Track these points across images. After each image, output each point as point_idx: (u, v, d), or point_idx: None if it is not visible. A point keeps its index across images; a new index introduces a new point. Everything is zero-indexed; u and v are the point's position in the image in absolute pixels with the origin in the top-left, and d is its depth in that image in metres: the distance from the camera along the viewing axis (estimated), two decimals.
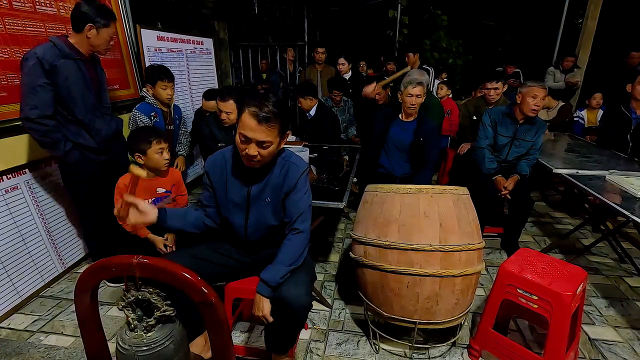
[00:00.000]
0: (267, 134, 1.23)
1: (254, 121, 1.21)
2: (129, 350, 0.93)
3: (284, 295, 1.30)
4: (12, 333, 1.88)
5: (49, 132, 1.83)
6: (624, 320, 1.97)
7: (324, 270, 2.45)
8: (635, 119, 2.77)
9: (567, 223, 3.18)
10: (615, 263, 2.53)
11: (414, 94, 2.45)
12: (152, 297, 0.95)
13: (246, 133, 1.23)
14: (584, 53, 4.89)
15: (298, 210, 1.39)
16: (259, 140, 1.23)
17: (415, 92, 2.44)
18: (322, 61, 4.23)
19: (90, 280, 0.93)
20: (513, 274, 1.51)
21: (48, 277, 2.25)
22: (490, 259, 2.59)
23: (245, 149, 1.25)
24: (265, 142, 1.24)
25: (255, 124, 1.21)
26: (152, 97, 2.43)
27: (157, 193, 1.97)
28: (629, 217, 1.73)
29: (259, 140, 1.23)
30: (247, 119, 1.22)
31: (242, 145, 1.26)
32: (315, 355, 1.74)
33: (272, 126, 1.23)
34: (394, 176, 2.68)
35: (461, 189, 1.67)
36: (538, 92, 2.38)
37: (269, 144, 1.25)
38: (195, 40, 3.70)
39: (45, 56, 1.74)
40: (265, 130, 1.22)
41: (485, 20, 6.63)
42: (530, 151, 2.58)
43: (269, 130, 1.23)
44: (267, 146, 1.25)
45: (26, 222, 2.11)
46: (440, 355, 1.74)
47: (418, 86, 2.43)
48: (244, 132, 1.24)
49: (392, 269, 1.55)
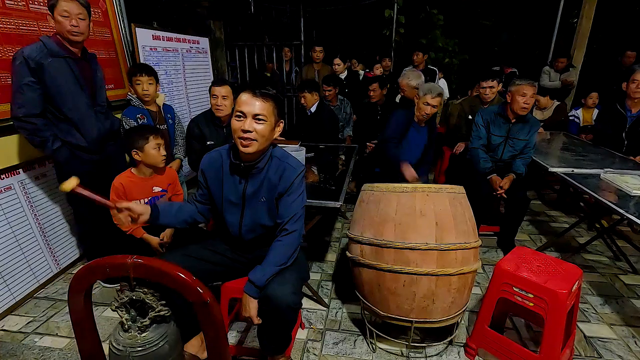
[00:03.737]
0: (261, 106, 1.28)
1: (249, 95, 1.28)
2: (123, 351, 0.92)
3: (270, 294, 1.29)
4: (6, 335, 1.87)
5: (36, 131, 1.83)
6: (619, 317, 1.98)
7: (321, 269, 2.45)
8: (630, 117, 2.79)
9: (563, 221, 3.19)
10: (610, 261, 2.55)
11: (431, 104, 2.43)
12: (147, 298, 0.94)
13: (241, 108, 1.28)
14: (579, 52, 4.92)
15: (291, 212, 1.39)
16: (255, 113, 1.27)
17: (433, 102, 2.43)
18: (319, 60, 4.23)
19: (84, 280, 0.92)
20: (509, 272, 1.51)
21: (42, 278, 2.23)
22: (486, 257, 2.60)
23: (240, 126, 1.28)
24: (260, 115, 1.28)
25: (250, 97, 1.27)
26: (137, 99, 2.36)
27: (153, 192, 1.96)
28: (623, 215, 1.74)
29: (254, 113, 1.27)
30: (243, 96, 1.29)
31: (237, 124, 1.29)
32: (312, 354, 1.74)
33: (267, 100, 1.29)
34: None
35: (457, 187, 1.67)
36: (527, 89, 2.38)
37: (263, 119, 1.28)
38: (191, 39, 3.68)
39: (31, 55, 1.75)
40: (261, 102, 1.27)
41: (481, 19, 6.65)
42: (525, 150, 2.59)
43: (264, 103, 1.28)
44: (262, 120, 1.28)
45: (20, 223, 2.09)
46: (437, 353, 1.74)
47: (437, 97, 2.42)
48: (239, 108, 1.29)
49: (389, 268, 1.55)
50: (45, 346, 1.78)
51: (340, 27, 6.67)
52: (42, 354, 1.72)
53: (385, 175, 2.68)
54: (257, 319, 1.32)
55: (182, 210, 1.50)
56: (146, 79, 2.29)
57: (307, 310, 2.05)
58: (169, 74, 3.32)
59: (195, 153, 2.43)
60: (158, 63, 3.13)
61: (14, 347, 1.76)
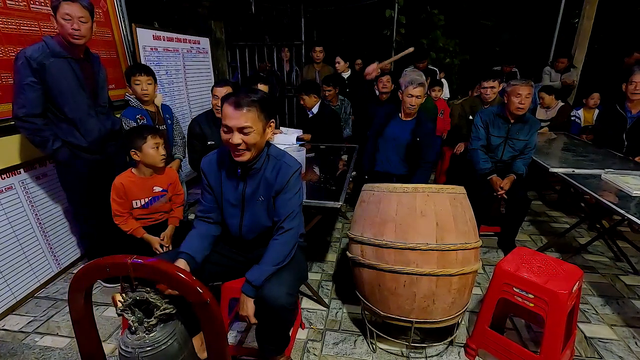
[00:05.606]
0: (245, 118, 1.25)
1: (231, 108, 1.26)
2: (132, 353, 0.92)
3: (265, 295, 1.29)
4: (6, 334, 1.87)
5: (37, 131, 1.84)
6: (619, 318, 1.98)
7: (321, 269, 2.45)
8: (630, 118, 2.78)
9: (563, 222, 3.19)
10: (611, 261, 2.54)
11: (414, 95, 2.44)
12: (151, 297, 0.94)
13: (226, 122, 1.27)
14: (580, 53, 4.91)
15: (288, 209, 1.39)
16: (239, 127, 1.26)
17: (415, 92, 2.43)
18: (320, 60, 4.23)
19: (84, 280, 0.92)
20: (509, 272, 1.51)
21: (43, 277, 2.23)
22: (486, 258, 2.60)
23: (229, 139, 1.28)
24: (245, 127, 1.26)
25: (232, 110, 1.25)
26: (135, 100, 2.35)
27: (154, 192, 1.96)
28: (624, 216, 1.74)
29: (238, 126, 1.26)
30: (226, 109, 1.27)
31: (226, 137, 1.29)
32: (312, 354, 1.74)
33: (249, 110, 1.25)
34: (391, 175, 2.67)
35: (458, 188, 1.67)
36: (522, 90, 2.40)
37: (249, 130, 1.27)
38: (192, 39, 3.68)
39: (33, 55, 1.75)
40: (244, 114, 1.25)
41: (482, 19, 6.64)
42: (525, 150, 2.59)
43: (247, 114, 1.25)
44: (248, 132, 1.27)
45: (21, 223, 2.09)
46: (437, 354, 1.74)
47: (419, 87, 2.43)
48: (224, 122, 1.28)
49: (389, 268, 1.55)
50: (45, 346, 1.78)
51: (341, 27, 6.67)
52: (42, 354, 1.72)
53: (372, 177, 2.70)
54: (253, 319, 1.32)
55: (203, 236, 1.46)
56: (145, 79, 2.29)
57: (307, 310, 2.05)
58: (169, 74, 3.32)
59: (196, 152, 2.44)
60: (159, 63, 3.13)
61: (14, 346, 1.77)
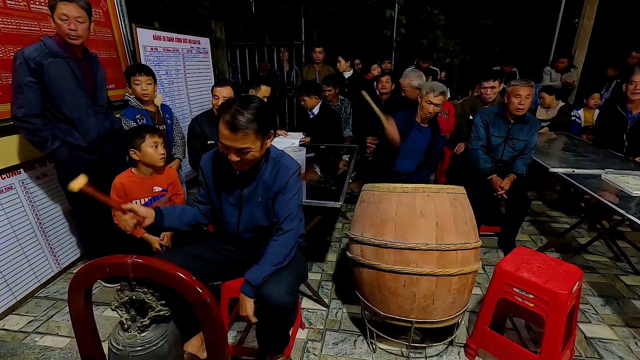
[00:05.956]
0: (243, 141, 1.23)
1: (228, 131, 1.21)
2: (123, 351, 0.93)
3: (265, 294, 1.30)
4: (6, 334, 1.87)
5: (36, 130, 1.84)
6: (619, 318, 1.98)
7: (321, 269, 2.45)
8: (630, 118, 2.78)
9: (564, 222, 3.19)
10: (611, 261, 2.54)
11: (433, 102, 2.41)
12: (147, 297, 0.94)
13: (223, 142, 1.25)
14: (580, 53, 4.91)
15: (287, 211, 1.39)
16: (237, 148, 1.24)
17: (435, 101, 2.41)
18: (320, 60, 4.23)
19: (83, 280, 0.93)
20: (509, 272, 1.51)
21: (43, 277, 2.23)
22: (486, 258, 2.60)
23: (226, 154, 1.28)
24: (244, 149, 1.25)
25: (229, 133, 1.22)
26: (135, 100, 2.35)
27: (153, 192, 1.96)
28: (624, 216, 1.74)
29: (237, 148, 1.24)
30: (222, 128, 1.23)
31: (224, 151, 1.29)
32: (312, 354, 1.74)
33: (247, 133, 1.22)
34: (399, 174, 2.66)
35: (458, 188, 1.67)
36: (521, 90, 2.40)
37: (247, 150, 1.26)
38: (192, 39, 3.68)
39: (31, 55, 1.75)
40: (241, 138, 1.22)
41: (482, 19, 6.64)
42: (526, 150, 2.59)
43: (244, 137, 1.22)
44: (246, 152, 1.26)
45: (21, 222, 2.09)
46: (437, 354, 1.74)
47: (440, 96, 2.40)
48: (221, 141, 1.26)
49: (389, 268, 1.55)
50: (45, 345, 1.78)
51: (341, 28, 6.67)
52: (42, 354, 1.72)
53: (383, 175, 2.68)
54: (253, 318, 1.33)
55: (185, 212, 1.49)
56: (145, 79, 2.29)
57: (307, 310, 2.05)
58: (169, 74, 3.32)
59: (196, 152, 2.44)
60: (159, 63, 3.14)
61: (14, 346, 1.77)
